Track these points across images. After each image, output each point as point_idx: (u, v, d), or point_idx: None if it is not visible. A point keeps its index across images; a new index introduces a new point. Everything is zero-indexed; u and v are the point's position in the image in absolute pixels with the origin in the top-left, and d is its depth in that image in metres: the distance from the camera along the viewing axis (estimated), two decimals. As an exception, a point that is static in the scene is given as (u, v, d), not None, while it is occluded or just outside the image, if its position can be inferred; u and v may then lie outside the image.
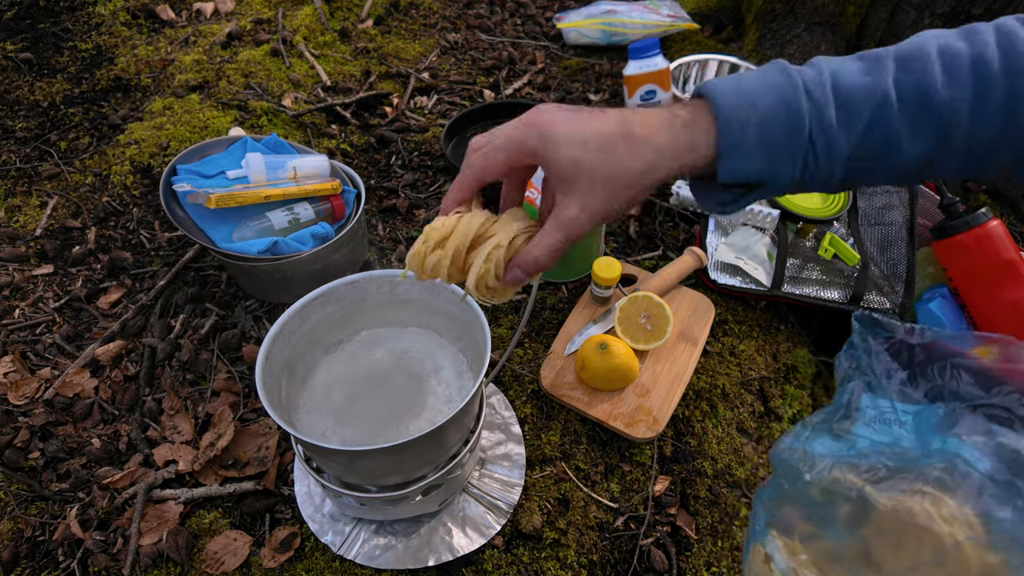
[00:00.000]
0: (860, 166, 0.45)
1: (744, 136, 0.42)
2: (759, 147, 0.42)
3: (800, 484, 0.46)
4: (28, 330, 0.93)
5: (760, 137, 0.42)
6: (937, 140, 0.43)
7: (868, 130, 0.43)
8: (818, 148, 0.43)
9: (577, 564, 0.72)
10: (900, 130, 0.43)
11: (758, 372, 0.93)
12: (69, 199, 1.11)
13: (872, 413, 0.46)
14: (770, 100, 0.42)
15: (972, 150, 0.43)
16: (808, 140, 0.43)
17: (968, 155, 0.44)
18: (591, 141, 0.42)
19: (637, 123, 0.43)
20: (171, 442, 0.81)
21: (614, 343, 0.83)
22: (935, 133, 0.43)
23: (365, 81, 1.43)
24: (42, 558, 0.71)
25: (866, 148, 0.44)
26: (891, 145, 0.43)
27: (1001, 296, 0.89)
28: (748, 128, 0.42)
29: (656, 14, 1.53)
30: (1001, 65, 0.41)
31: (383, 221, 1.13)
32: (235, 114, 1.25)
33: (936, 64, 0.42)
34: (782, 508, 0.48)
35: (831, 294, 0.98)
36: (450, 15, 1.70)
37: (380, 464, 0.60)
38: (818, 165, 0.44)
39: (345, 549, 0.70)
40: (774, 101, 0.42)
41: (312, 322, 0.67)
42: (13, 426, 0.82)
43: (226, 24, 1.51)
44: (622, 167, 0.42)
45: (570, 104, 0.72)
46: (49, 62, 1.39)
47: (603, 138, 0.42)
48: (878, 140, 0.43)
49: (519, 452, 0.79)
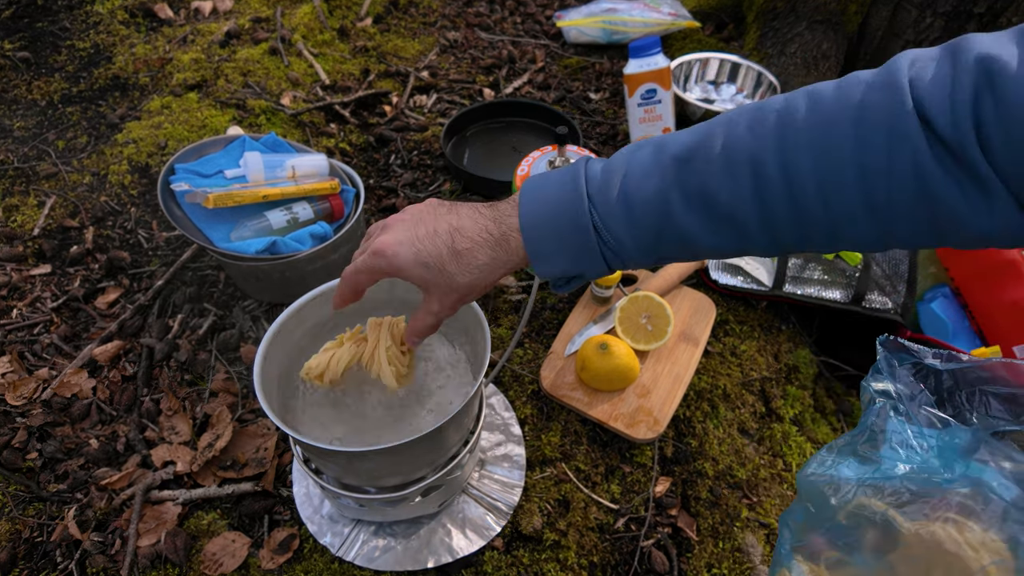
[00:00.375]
0: (670, 257, 0.47)
1: (543, 246, 0.47)
2: (558, 253, 0.47)
3: (826, 509, 0.46)
4: (26, 330, 0.93)
5: (556, 246, 0.47)
6: (735, 235, 0.43)
7: (659, 231, 0.44)
8: (613, 249, 0.46)
9: (577, 566, 0.72)
10: (692, 228, 0.43)
11: (759, 372, 0.93)
12: (67, 198, 1.11)
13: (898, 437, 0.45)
14: (557, 211, 0.46)
15: (780, 242, 0.43)
16: (599, 243, 0.46)
17: (782, 244, 0.43)
18: (427, 262, 0.49)
19: (462, 241, 0.49)
20: (169, 443, 0.81)
21: (615, 343, 0.82)
22: (730, 229, 0.43)
23: (364, 80, 1.42)
24: (40, 559, 0.71)
25: (665, 246, 0.45)
26: (689, 242, 0.44)
27: (1003, 296, 0.89)
28: (544, 241, 0.47)
29: (657, 12, 1.53)
30: (778, 169, 0.40)
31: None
32: (233, 113, 1.25)
33: (717, 162, 0.42)
34: (808, 533, 0.47)
35: (833, 294, 0.98)
36: (450, 13, 1.70)
37: (379, 465, 0.59)
38: (623, 259, 0.47)
39: (344, 550, 0.69)
40: (560, 213, 0.46)
41: (310, 322, 0.67)
42: (11, 427, 0.81)
43: (224, 23, 1.50)
44: (454, 282, 0.49)
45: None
46: (47, 61, 1.38)
47: (436, 259, 0.49)
48: (673, 239, 0.44)
49: (519, 453, 0.79)
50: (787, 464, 0.85)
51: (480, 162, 1.23)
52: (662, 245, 0.45)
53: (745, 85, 1.35)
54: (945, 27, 1.28)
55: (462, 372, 0.69)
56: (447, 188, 1.18)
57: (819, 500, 0.46)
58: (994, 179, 0.35)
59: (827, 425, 0.94)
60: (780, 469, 0.84)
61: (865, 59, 1.42)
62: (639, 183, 0.44)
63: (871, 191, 0.38)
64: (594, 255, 0.46)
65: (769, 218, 0.41)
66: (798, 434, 0.88)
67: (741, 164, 0.41)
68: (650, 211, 0.44)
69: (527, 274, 1.03)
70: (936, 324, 0.98)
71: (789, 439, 0.87)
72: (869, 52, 1.41)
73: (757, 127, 0.41)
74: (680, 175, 0.43)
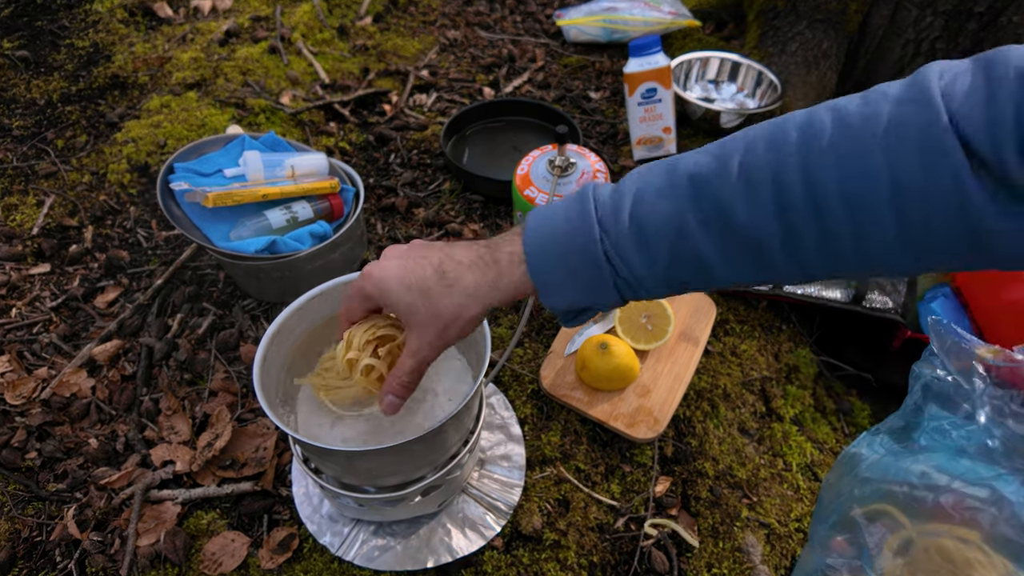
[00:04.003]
0: (688, 286, 0.44)
1: (551, 276, 0.44)
2: (567, 283, 0.44)
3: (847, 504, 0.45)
4: (25, 329, 0.93)
5: (565, 276, 0.44)
6: (756, 259, 0.40)
7: (675, 257, 0.41)
8: (626, 278, 0.43)
9: (577, 565, 0.72)
10: (710, 253, 0.41)
11: (759, 372, 0.92)
12: (66, 198, 1.10)
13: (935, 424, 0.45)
14: (566, 238, 0.43)
15: (805, 267, 0.40)
16: (612, 273, 0.43)
17: (808, 269, 0.40)
18: (413, 286, 0.47)
19: (450, 264, 0.47)
20: (168, 442, 0.80)
21: (615, 343, 0.82)
22: (751, 252, 0.40)
23: (364, 79, 1.42)
24: (39, 559, 0.71)
25: (682, 272, 0.42)
26: (707, 267, 0.41)
27: (1003, 296, 0.89)
28: (552, 271, 0.44)
29: (657, 11, 1.52)
30: (803, 187, 0.37)
31: (382, 220, 1.12)
32: (233, 112, 1.25)
33: (736, 181, 0.39)
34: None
35: (833, 293, 0.98)
36: (449, 12, 1.70)
37: (379, 465, 0.59)
38: (635, 289, 0.44)
39: (344, 550, 0.69)
40: (569, 239, 0.43)
41: (310, 321, 0.66)
42: (10, 426, 0.81)
43: (224, 21, 1.50)
44: (437, 307, 0.47)
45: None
46: (46, 60, 1.38)
47: (420, 281, 0.47)
48: (690, 265, 0.42)
49: (519, 452, 0.79)
50: (787, 464, 0.85)
51: (480, 161, 1.23)
52: (678, 272, 0.42)
53: (745, 84, 1.35)
54: (945, 26, 1.27)
55: (462, 372, 0.69)
56: (447, 187, 1.18)
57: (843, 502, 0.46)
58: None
59: (827, 425, 0.93)
60: (780, 469, 0.84)
61: (866, 58, 1.42)
62: (652, 206, 0.41)
63: (905, 210, 0.35)
64: (606, 286, 0.44)
65: (793, 240, 0.39)
66: (798, 434, 0.88)
67: (762, 183, 0.38)
68: (664, 235, 0.41)
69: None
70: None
71: (789, 439, 0.87)
72: (869, 51, 1.41)
73: (778, 144, 0.38)
74: (696, 195, 0.40)
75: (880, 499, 0.45)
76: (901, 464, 0.45)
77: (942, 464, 0.44)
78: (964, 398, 0.46)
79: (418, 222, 1.11)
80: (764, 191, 0.38)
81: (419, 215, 1.13)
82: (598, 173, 0.91)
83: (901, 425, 0.50)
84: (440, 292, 0.46)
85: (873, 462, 0.48)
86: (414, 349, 0.49)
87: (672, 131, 1.18)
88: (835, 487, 0.52)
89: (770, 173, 0.38)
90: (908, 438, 0.47)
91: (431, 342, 0.48)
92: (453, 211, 1.14)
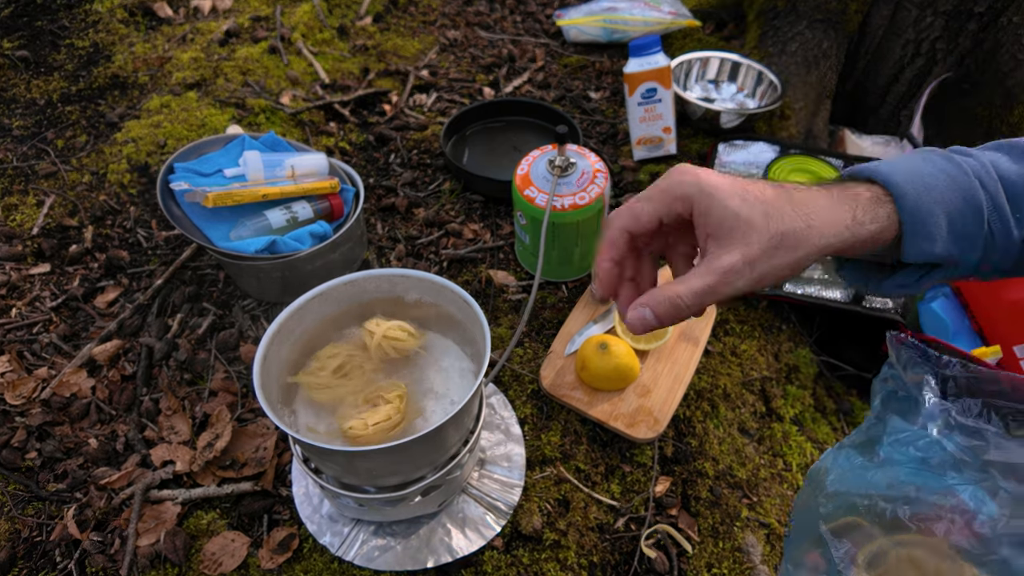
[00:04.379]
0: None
1: (933, 222, 0.41)
2: (948, 232, 0.42)
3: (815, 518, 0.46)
4: (25, 329, 0.93)
5: (949, 224, 0.42)
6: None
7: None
8: (996, 235, 0.43)
9: (577, 565, 0.72)
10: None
11: (759, 372, 0.92)
12: (66, 198, 1.10)
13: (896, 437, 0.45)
14: (948, 187, 0.42)
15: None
16: (988, 228, 0.42)
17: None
18: (750, 196, 0.40)
19: (797, 191, 0.41)
20: (168, 442, 0.80)
21: (615, 343, 0.82)
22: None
23: (364, 79, 1.42)
24: (39, 559, 0.71)
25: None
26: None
27: (1003, 296, 0.89)
28: (935, 215, 0.41)
29: (657, 11, 1.52)
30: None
31: (382, 220, 1.12)
32: (233, 112, 1.25)
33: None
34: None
35: (833, 293, 0.98)
36: (449, 12, 1.70)
37: (379, 465, 0.59)
38: (995, 248, 0.43)
39: (344, 550, 0.69)
40: (951, 188, 0.42)
41: (310, 321, 0.66)
42: (10, 426, 0.81)
43: (224, 21, 1.50)
44: (781, 227, 0.39)
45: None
46: (46, 60, 1.38)
47: (762, 195, 0.40)
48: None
49: (519, 453, 0.79)
50: (787, 464, 0.85)
51: (480, 161, 1.23)
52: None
53: (745, 84, 1.35)
54: (945, 26, 1.27)
55: (462, 372, 0.69)
56: (447, 187, 1.18)
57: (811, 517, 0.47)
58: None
59: (827, 425, 0.93)
60: (780, 469, 0.84)
61: (866, 58, 1.42)
62: (1011, 167, 0.42)
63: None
64: (977, 240, 0.42)
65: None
66: (798, 434, 0.88)
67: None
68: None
69: (527, 273, 1.03)
70: (936, 324, 0.98)
71: (789, 439, 0.87)
72: (869, 51, 1.41)
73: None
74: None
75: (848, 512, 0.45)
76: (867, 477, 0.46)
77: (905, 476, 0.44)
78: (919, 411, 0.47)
79: (418, 222, 1.11)
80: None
81: (419, 215, 1.13)
82: (598, 173, 0.91)
83: (864, 439, 0.50)
84: (786, 212, 0.39)
85: (838, 476, 0.48)
86: (727, 265, 0.39)
87: (672, 131, 1.18)
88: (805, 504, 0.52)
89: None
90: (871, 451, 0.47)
91: (755, 261, 0.39)
92: (453, 211, 1.14)
